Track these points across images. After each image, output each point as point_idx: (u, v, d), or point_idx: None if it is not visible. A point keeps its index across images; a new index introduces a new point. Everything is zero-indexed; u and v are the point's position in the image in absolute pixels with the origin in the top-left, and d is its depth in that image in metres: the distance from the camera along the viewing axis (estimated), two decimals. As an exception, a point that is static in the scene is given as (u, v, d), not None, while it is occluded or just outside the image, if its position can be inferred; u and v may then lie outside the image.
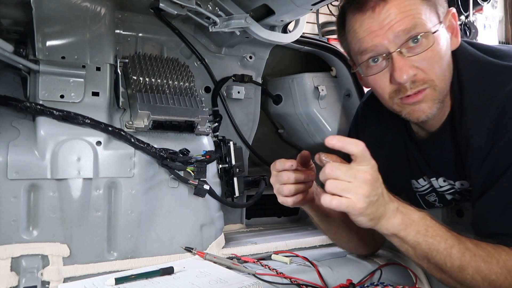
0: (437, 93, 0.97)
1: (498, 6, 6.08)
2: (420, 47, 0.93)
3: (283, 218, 1.87)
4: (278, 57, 1.78)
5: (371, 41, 0.95)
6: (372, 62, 0.98)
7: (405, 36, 0.92)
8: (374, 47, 0.95)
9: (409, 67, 0.93)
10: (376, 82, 1.00)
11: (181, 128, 1.22)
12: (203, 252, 1.11)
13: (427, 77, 0.95)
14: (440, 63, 0.95)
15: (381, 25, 0.93)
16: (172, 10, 1.14)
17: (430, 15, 0.95)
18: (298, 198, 1.01)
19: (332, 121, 1.68)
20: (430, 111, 0.98)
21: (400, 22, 0.92)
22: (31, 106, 1.05)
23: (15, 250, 1.01)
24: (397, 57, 0.93)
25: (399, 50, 0.93)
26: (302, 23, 1.40)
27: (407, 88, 0.95)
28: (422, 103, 0.97)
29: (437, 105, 0.98)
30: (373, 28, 0.94)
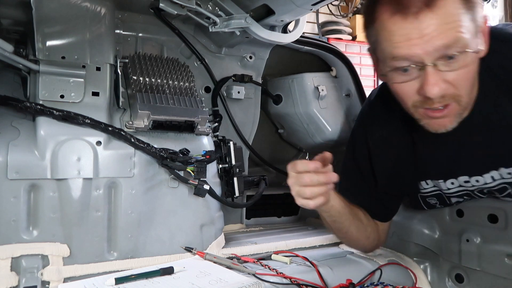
0: (461, 108, 0.94)
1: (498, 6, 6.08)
2: (456, 63, 0.88)
3: (283, 218, 1.87)
4: (278, 57, 1.78)
5: (408, 49, 0.88)
6: (402, 70, 0.92)
7: (444, 51, 0.86)
8: (410, 56, 0.89)
9: (442, 82, 0.88)
10: (402, 89, 0.95)
11: (181, 128, 1.22)
12: (203, 252, 1.11)
13: (456, 93, 0.91)
14: (471, 79, 0.92)
15: (421, 34, 0.86)
16: (172, 10, 1.14)
17: (470, 28, 0.88)
18: (320, 200, 1.00)
19: (332, 121, 1.68)
20: (450, 125, 0.95)
21: (442, 35, 0.85)
22: (31, 106, 1.05)
23: (15, 250, 1.01)
24: (431, 71, 0.88)
25: (435, 64, 0.88)
26: (302, 23, 1.40)
27: (434, 102, 0.91)
28: (445, 118, 0.94)
29: (458, 119, 0.95)
30: (412, 36, 0.87)
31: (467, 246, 1.27)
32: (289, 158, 1.99)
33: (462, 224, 1.30)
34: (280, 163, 1.91)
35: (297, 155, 2.00)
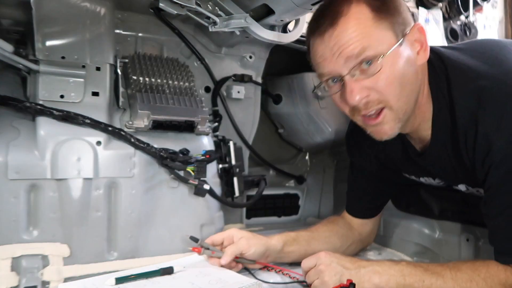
0: (395, 113, 0.96)
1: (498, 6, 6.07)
2: (371, 69, 0.92)
3: (283, 218, 1.87)
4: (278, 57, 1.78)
5: (326, 67, 0.97)
6: (331, 82, 0.99)
7: (355, 60, 0.92)
8: (329, 73, 0.97)
9: (359, 90, 0.93)
10: (336, 101, 1.02)
11: (181, 128, 1.22)
12: (200, 248, 1.10)
13: (381, 98, 0.94)
14: (395, 83, 0.93)
15: (332, 51, 0.94)
16: (172, 10, 1.14)
17: (384, 37, 0.93)
18: None
19: (332, 121, 1.68)
20: (392, 132, 0.99)
21: (349, 48, 0.91)
22: (31, 106, 1.05)
23: (15, 250, 1.01)
24: (348, 81, 0.94)
25: (351, 74, 0.93)
26: (302, 23, 1.40)
27: (361, 109, 0.96)
28: (383, 125, 0.98)
29: (398, 124, 0.98)
30: (326, 55, 0.95)
31: (467, 246, 1.27)
32: (289, 158, 1.99)
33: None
34: (280, 163, 1.91)
35: (297, 155, 2.01)
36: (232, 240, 1.12)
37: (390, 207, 1.41)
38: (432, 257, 1.37)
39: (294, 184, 1.95)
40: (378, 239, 1.46)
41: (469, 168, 1.00)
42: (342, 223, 1.32)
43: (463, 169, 1.03)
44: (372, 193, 1.32)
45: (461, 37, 3.19)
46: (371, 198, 1.33)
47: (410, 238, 1.43)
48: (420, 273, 1.00)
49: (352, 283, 0.95)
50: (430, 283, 0.98)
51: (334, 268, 1.03)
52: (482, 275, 0.95)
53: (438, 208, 1.40)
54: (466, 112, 0.95)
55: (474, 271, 0.96)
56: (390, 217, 1.48)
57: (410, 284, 0.99)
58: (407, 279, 1.00)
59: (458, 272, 0.97)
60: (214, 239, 1.13)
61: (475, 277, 0.95)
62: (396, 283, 1.00)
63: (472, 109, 0.94)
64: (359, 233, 1.33)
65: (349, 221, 1.34)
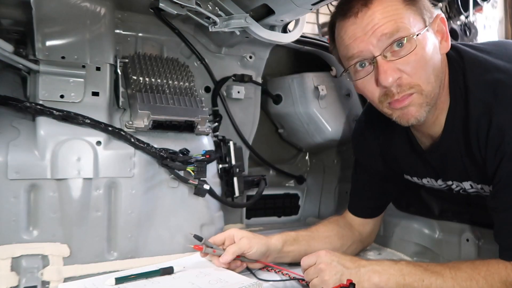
0: (424, 97, 0.97)
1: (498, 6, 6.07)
2: (404, 51, 0.94)
3: (283, 218, 1.87)
4: (278, 57, 1.78)
5: (357, 47, 0.97)
6: (359, 66, 0.99)
7: (388, 40, 0.94)
8: (360, 53, 0.97)
9: (393, 70, 0.94)
10: (364, 86, 1.01)
11: (181, 128, 1.22)
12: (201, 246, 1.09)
13: (413, 81, 0.95)
14: (426, 66, 0.95)
15: (364, 31, 0.95)
16: (172, 10, 1.14)
17: (414, 20, 0.96)
18: None
19: (332, 121, 1.68)
20: (419, 114, 0.98)
21: (383, 26, 0.93)
22: (31, 106, 1.05)
23: (15, 250, 1.01)
24: (381, 61, 0.95)
25: (383, 54, 0.94)
26: (302, 23, 1.40)
27: (394, 93, 0.96)
28: (409, 107, 0.98)
29: (425, 108, 0.98)
30: (357, 34, 0.96)
31: (467, 246, 1.27)
32: (289, 158, 1.99)
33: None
34: (280, 163, 1.91)
35: (297, 155, 2.01)
36: (233, 240, 1.12)
37: (390, 207, 1.40)
38: (432, 257, 1.37)
39: (294, 184, 1.96)
40: (378, 239, 1.46)
41: (479, 161, 1.00)
42: (342, 223, 1.32)
43: (472, 163, 1.03)
44: (375, 192, 1.32)
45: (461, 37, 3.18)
46: (374, 198, 1.33)
47: (410, 238, 1.43)
48: (419, 272, 1.00)
49: (352, 283, 0.95)
50: (430, 282, 0.98)
51: (334, 267, 1.03)
52: (482, 274, 0.95)
53: (438, 208, 1.40)
54: (480, 103, 0.96)
55: (474, 270, 0.96)
56: (390, 217, 1.48)
57: (410, 284, 0.99)
58: (406, 278, 1.00)
59: (457, 271, 0.97)
60: (215, 239, 1.12)
61: (475, 276, 0.95)
62: (396, 283, 1.00)
63: (487, 100, 0.94)
64: (360, 233, 1.33)
65: (350, 220, 1.34)
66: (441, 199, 1.37)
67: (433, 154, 1.11)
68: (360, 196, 1.35)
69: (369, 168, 1.31)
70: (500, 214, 0.97)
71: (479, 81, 0.98)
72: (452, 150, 1.06)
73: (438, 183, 1.19)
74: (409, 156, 1.19)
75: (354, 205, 1.35)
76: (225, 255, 1.07)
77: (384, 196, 1.35)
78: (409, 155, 1.19)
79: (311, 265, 1.06)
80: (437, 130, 1.07)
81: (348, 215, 1.35)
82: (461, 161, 1.06)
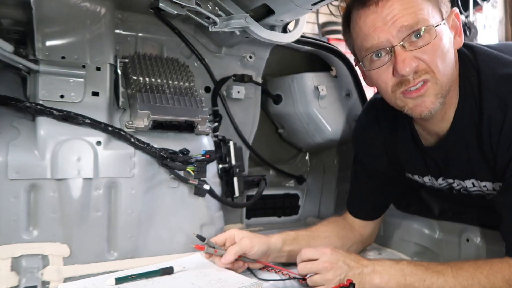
0: (439, 87, 0.97)
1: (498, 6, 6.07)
2: (422, 41, 0.95)
3: (283, 218, 1.87)
4: (278, 57, 1.78)
5: (377, 37, 0.97)
6: (375, 56, 1.00)
7: (408, 31, 0.95)
8: (380, 42, 0.97)
9: (411, 59, 0.95)
10: (379, 76, 1.01)
11: (181, 128, 1.22)
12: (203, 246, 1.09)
13: (428, 68, 0.96)
14: (442, 58, 0.96)
15: (384, 21, 0.95)
16: (172, 10, 1.14)
17: (433, 12, 0.97)
18: None
19: (332, 121, 1.68)
20: (433, 106, 0.98)
21: (403, 17, 0.94)
22: (31, 106, 1.05)
23: (15, 250, 1.01)
24: (400, 50, 0.95)
25: (402, 44, 0.95)
26: (302, 23, 1.40)
27: (410, 80, 0.96)
28: (425, 97, 0.97)
29: (440, 100, 0.98)
30: (377, 24, 0.96)
31: (467, 246, 1.27)
32: (289, 158, 1.99)
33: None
34: (280, 163, 1.91)
35: (297, 155, 2.01)
36: (234, 240, 1.11)
37: (390, 207, 1.40)
38: (432, 257, 1.37)
39: (294, 184, 1.95)
40: (378, 239, 1.46)
41: (489, 156, 1.00)
42: (342, 224, 1.32)
43: (480, 158, 1.02)
44: (376, 194, 1.32)
45: (461, 37, 3.18)
46: (375, 200, 1.33)
47: (410, 238, 1.43)
48: (421, 272, 1.00)
49: (352, 283, 0.95)
50: (431, 282, 0.97)
51: (340, 267, 1.02)
52: (484, 272, 0.95)
53: (438, 208, 1.40)
54: (495, 98, 0.96)
55: (477, 269, 0.96)
56: (390, 217, 1.48)
57: (411, 284, 0.99)
58: (407, 278, 1.00)
59: (459, 271, 0.97)
60: (216, 240, 1.12)
61: (477, 275, 0.95)
62: (397, 283, 1.00)
63: (502, 95, 0.95)
64: (360, 234, 1.33)
65: (351, 221, 1.33)
66: (441, 199, 1.37)
67: (437, 151, 1.11)
68: (360, 198, 1.34)
69: (370, 169, 1.30)
70: (509, 208, 0.97)
71: (494, 76, 0.98)
72: (457, 147, 1.06)
73: (439, 181, 1.19)
74: (412, 153, 1.18)
75: (354, 207, 1.34)
76: (227, 255, 1.07)
77: (385, 198, 1.35)
78: (412, 153, 1.18)
79: (312, 259, 1.05)
80: (444, 127, 1.06)
81: (348, 217, 1.34)
82: (467, 157, 1.05)
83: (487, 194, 1.11)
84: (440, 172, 1.16)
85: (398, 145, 1.21)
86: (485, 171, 1.04)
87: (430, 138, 1.12)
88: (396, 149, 1.22)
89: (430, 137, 1.12)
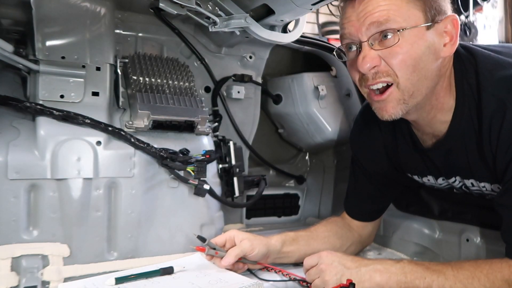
0: (401, 93, 0.97)
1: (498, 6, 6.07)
2: (389, 42, 0.94)
3: (283, 218, 1.87)
4: (278, 57, 1.78)
5: (348, 29, 0.99)
6: (349, 49, 1.01)
7: (376, 29, 0.94)
8: (349, 35, 0.99)
9: (371, 58, 0.94)
10: (350, 67, 1.03)
11: (181, 128, 1.22)
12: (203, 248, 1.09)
13: (390, 71, 0.95)
14: (409, 62, 0.94)
15: (358, 16, 0.96)
16: (172, 10, 1.14)
17: (412, 14, 0.94)
18: None
19: (332, 121, 1.68)
20: (394, 112, 0.99)
21: (374, 14, 0.93)
22: (31, 106, 1.05)
23: (15, 250, 1.01)
24: (366, 47, 0.96)
25: (370, 42, 0.95)
26: (302, 23, 1.40)
27: (369, 78, 0.98)
28: (386, 102, 0.98)
29: (402, 106, 0.98)
30: (352, 18, 0.97)
31: (467, 246, 1.27)
32: (289, 158, 1.99)
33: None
34: (280, 163, 1.91)
35: (297, 155, 2.01)
36: (234, 241, 1.11)
37: (390, 207, 1.40)
38: (432, 257, 1.37)
39: (294, 184, 1.95)
40: (378, 239, 1.46)
41: (489, 158, 1.00)
42: (341, 224, 1.32)
43: (480, 160, 1.02)
44: (375, 196, 1.31)
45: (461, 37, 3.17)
46: (374, 201, 1.32)
47: (410, 238, 1.43)
48: (421, 270, 1.00)
49: (352, 283, 0.95)
50: (431, 280, 0.97)
51: (335, 267, 1.03)
52: (484, 272, 0.95)
53: (438, 208, 1.39)
54: (494, 99, 0.96)
55: (476, 268, 0.96)
56: (390, 217, 1.48)
57: (411, 281, 0.99)
58: (408, 276, 1.00)
59: (460, 270, 0.97)
60: (216, 241, 1.12)
61: (477, 274, 0.95)
62: (397, 281, 1.00)
63: (501, 96, 0.94)
64: (359, 234, 1.33)
65: (349, 222, 1.33)
66: (441, 199, 1.37)
67: (436, 152, 1.11)
68: (358, 199, 1.34)
69: (370, 171, 1.29)
70: (509, 211, 0.97)
71: (493, 77, 0.97)
72: (456, 148, 1.06)
73: (439, 181, 1.19)
74: (411, 154, 1.18)
75: (353, 208, 1.34)
76: (228, 257, 1.07)
77: (384, 200, 1.34)
78: (411, 153, 1.18)
79: (313, 265, 1.07)
80: (441, 129, 1.06)
81: (346, 217, 1.34)
82: (466, 159, 1.05)
83: (486, 194, 1.11)
84: (440, 172, 1.16)
85: (397, 146, 1.21)
86: (484, 172, 1.04)
87: (428, 139, 1.12)
88: (396, 150, 1.22)
89: (428, 138, 1.12)
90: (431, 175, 1.19)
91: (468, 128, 1.02)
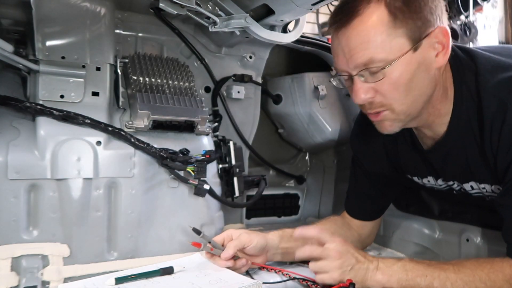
0: (396, 115, 0.99)
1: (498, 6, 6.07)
2: (378, 76, 0.95)
3: (283, 218, 1.87)
4: (278, 57, 1.78)
5: (338, 65, 1.01)
6: (344, 77, 1.02)
7: (364, 67, 0.95)
8: (340, 69, 1.01)
9: (365, 91, 0.97)
10: (350, 93, 1.04)
11: (181, 128, 1.22)
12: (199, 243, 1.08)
13: (384, 101, 0.97)
14: (401, 88, 0.95)
15: (343, 52, 0.97)
16: (172, 10, 1.14)
17: (395, 44, 0.92)
18: None
19: (332, 121, 1.68)
20: (392, 128, 1.03)
21: (357, 54, 0.93)
22: (31, 106, 1.05)
23: (15, 250, 1.01)
24: (357, 80, 0.97)
25: (360, 74, 0.96)
26: (302, 23, 1.40)
27: (366, 107, 1.01)
28: (383, 122, 1.02)
29: (398, 124, 1.02)
30: (338, 52, 0.99)
31: (467, 246, 1.27)
32: (289, 158, 1.99)
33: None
34: (280, 163, 1.91)
35: (297, 155, 2.01)
36: (232, 239, 1.11)
37: (390, 207, 1.40)
38: (432, 257, 1.37)
39: (294, 184, 1.96)
40: (378, 239, 1.46)
41: (489, 159, 1.00)
42: (340, 223, 1.32)
43: (480, 161, 1.03)
44: (375, 196, 1.31)
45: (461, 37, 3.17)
46: (374, 201, 1.33)
47: (410, 238, 1.43)
48: (422, 268, 1.00)
49: (352, 283, 0.95)
50: (433, 277, 0.98)
51: (349, 259, 1.01)
52: (485, 270, 0.95)
53: (438, 208, 1.40)
54: (495, 100, 0.96)
55: (478, 266, 0.96)
56: (390, 217, 1.48)
57: (412, 279, 0.99)
58: (409, 274, 1.00)
59: (461, 268, 0.97)
60: (215, 240, 1.12)
61: (478, 272, 0.95)
62: (398, 279, 1.00)
63: (501, 97, 0.95)
64: (359, 234, 1.33)
65: (349, 221, 1.33)
66: (441, 199, 1.37)
67: (435, 154, 1.11)
68: (358, 198, 1.34)
69: (370, 171, 1.30)
70: (510, 212, 0.97)
71: (494, 79, 0.97)
72: (455, 150, 1.06)
73: (439, 182, 1.19)
74: (411, 155, 1.19)
75: (353, 207, 1.34)
76: (227, 250, 1.06)
77: (384, 200, 1.34)
78: (411, 155, 1.19)
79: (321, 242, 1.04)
80: (439, 131, 1.07)
81: (346, 216, 1.34)
82: (465, 160, 1.06)
83: (486, 196, 1.11)
84: (439, 174, 1.16)
85: (397, 147, 1.21)
86: (485, 173, 1.04)
87: (428, 141, 1.12)
88: (396, 150, 1.22)
89: (427, 140, 1.12)
90: (431, 175, 1.19)
91: (467, 129, 1.02)
